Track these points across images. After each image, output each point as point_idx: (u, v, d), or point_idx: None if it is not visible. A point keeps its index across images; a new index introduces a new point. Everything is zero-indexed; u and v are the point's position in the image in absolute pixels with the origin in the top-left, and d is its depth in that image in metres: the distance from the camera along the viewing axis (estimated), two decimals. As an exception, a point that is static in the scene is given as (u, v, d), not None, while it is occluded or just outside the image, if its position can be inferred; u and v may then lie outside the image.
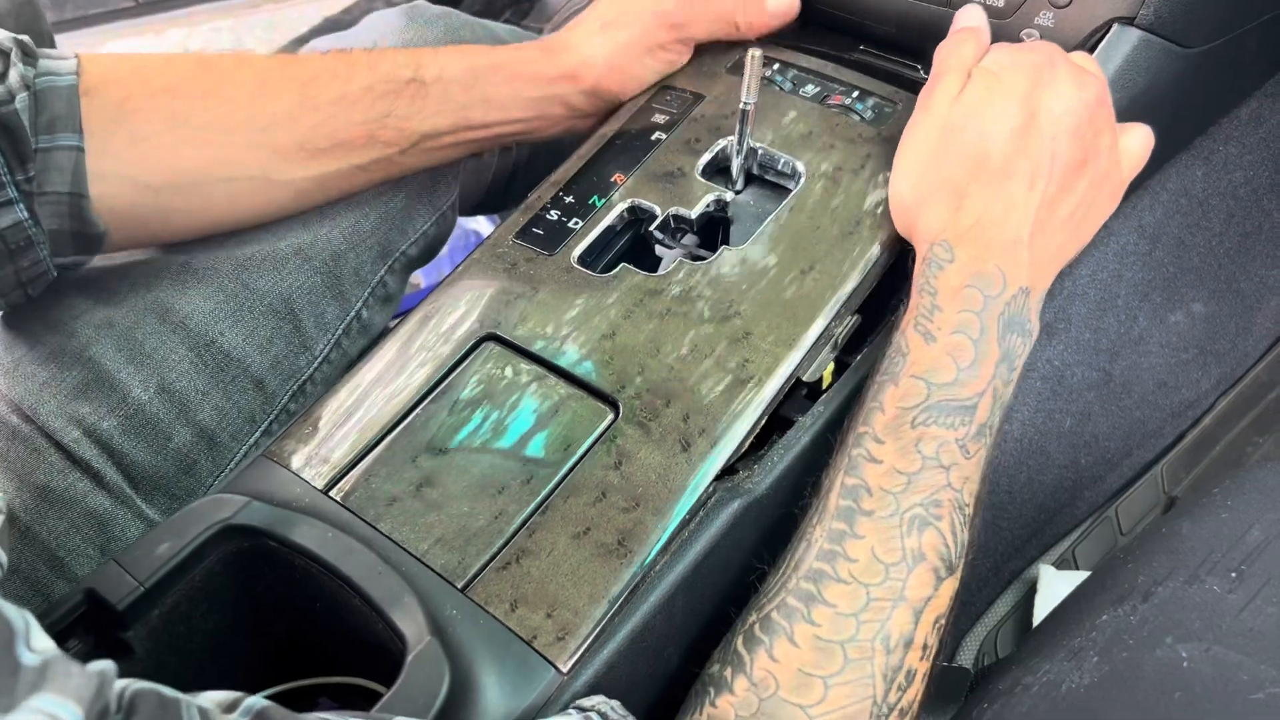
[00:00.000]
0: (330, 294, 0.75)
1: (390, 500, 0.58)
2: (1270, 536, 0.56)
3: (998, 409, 0.56)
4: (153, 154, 0.66)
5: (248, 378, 0.71)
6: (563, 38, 0.77)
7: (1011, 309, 0.57)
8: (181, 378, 0.69)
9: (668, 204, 0.70)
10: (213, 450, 0.70)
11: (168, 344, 0.69)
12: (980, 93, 0.61)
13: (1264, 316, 1.09)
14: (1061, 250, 0.61)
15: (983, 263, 0.57)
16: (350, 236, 0.75)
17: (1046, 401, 0.93)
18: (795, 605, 0.51)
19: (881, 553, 0.51)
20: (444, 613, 0.53)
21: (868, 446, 0.54)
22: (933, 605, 0.52)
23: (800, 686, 0.49)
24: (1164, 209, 0.94)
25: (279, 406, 0.73)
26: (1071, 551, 1.02)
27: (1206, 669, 0.49)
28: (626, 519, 0.55)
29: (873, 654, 0.50)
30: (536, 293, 0.66)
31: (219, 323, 0.70)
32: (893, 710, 0.49)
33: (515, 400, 0.61)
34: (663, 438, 0.58)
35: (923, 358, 0.56)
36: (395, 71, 0.71)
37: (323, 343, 0.75)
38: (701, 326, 0.62)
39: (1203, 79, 0.77)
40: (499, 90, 0.74)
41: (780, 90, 0.75)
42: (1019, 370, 0.58)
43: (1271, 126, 0.97)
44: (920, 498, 0.53)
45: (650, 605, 0.54)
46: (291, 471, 0.60)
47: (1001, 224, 0.58)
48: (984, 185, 0.59)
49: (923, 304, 0.58)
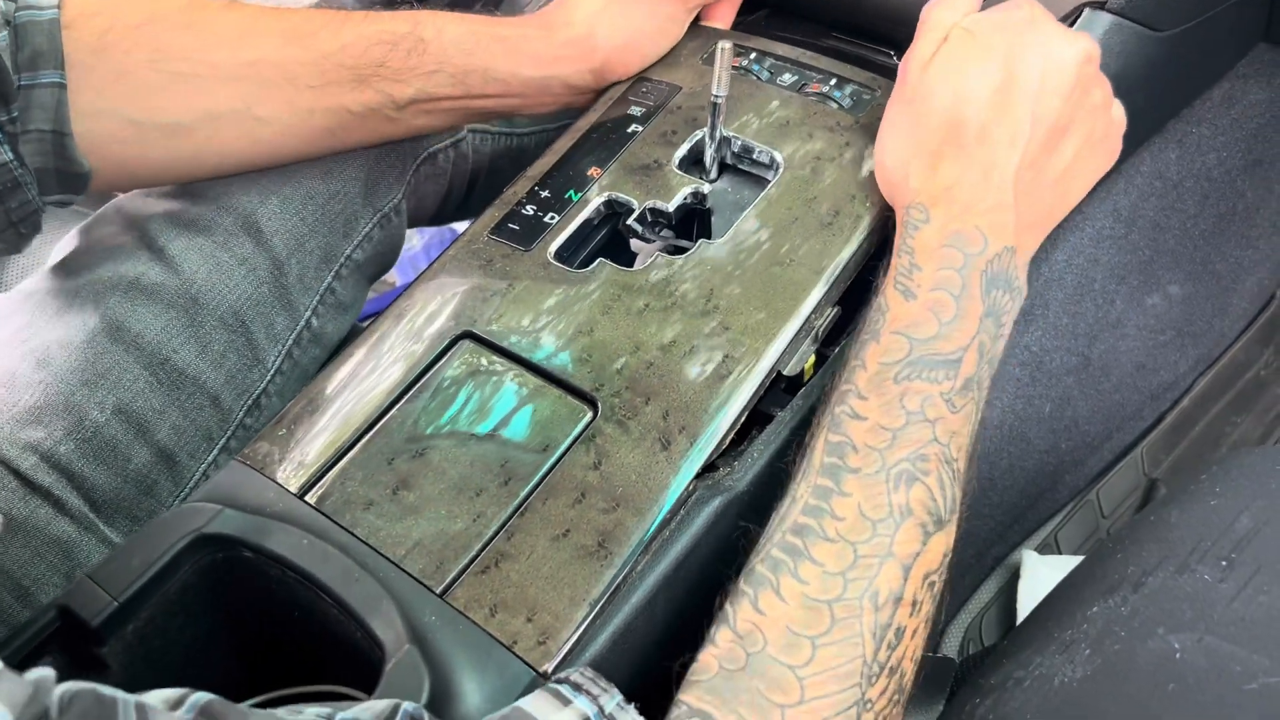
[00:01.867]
0: (278, 303, 0.74)
1: (366, 504, 0.57)
2: (1260, 523, 0.55)
3: (985, 363, 0.55)
4: (135, 88, 0.64)
5: (204, 394, 0.70)
6: (565, 14, 0.75)
7: (995, 267, 0.56)
8: (138, 397, 0.67)
9: (645, 197, 0.69)
10: (172, 470, 0.69)
11: (122, 363, 0.68)
12: (956, 53, 0.60)
13: (1239, 297, 1.10)
14: (1050, 211, 0.60)
15: (961, 223, 0.57)
16: (289, 243, 0.74)
17: (1026, 387, 0.92)
18: (781, 558, 0.50)
19: (869, 509, 0.51)
20: (423, 619, 0.52)
21: (851, 404, 0.54)
22: (922, 561, 0.51)
23: (789, 646, 0.48)
24: (1139, 192, 0.94)
25: (235, 422, 0.72)
26: (1054, 536, 1.02)
27: (1199, 660, 0.49)
28: (606, 520, 0.54)
29: (861, 612, 0.49)
30: (513, 289, 0.65)
31: (172, 339, 0.69)
32: (884, 668, 0.49)
33: (492, 399, 0.60)
34: (642, 436, 0.57)
35: (903, 314, 0.55)
36: (393, 24, 0.69)
37: (274, 354, 0.74)
38: (680, 321, 0.62)
39: (1175, 62, 0.77)
40: (499, 64, 0.72)
41: (757, 79, 0.74)
42: (1008, 327, 0.57)
43: (1244, 108, 0.97)
44: (906, 453, 0.52)
45: (632, 606, 0.53)
46: (265, 476, 0.59)
47: (981, 185, 0.57)
48: (960, 147, 0.58)
49: (901, 264, 0.57)
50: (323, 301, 0.76)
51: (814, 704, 0.47)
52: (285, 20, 0.69)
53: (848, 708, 0.47)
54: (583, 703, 0.45)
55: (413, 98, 0.72)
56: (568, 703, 0.45)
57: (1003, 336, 0.57)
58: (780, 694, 0.47)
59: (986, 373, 0.56)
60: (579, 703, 0.45)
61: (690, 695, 0.48)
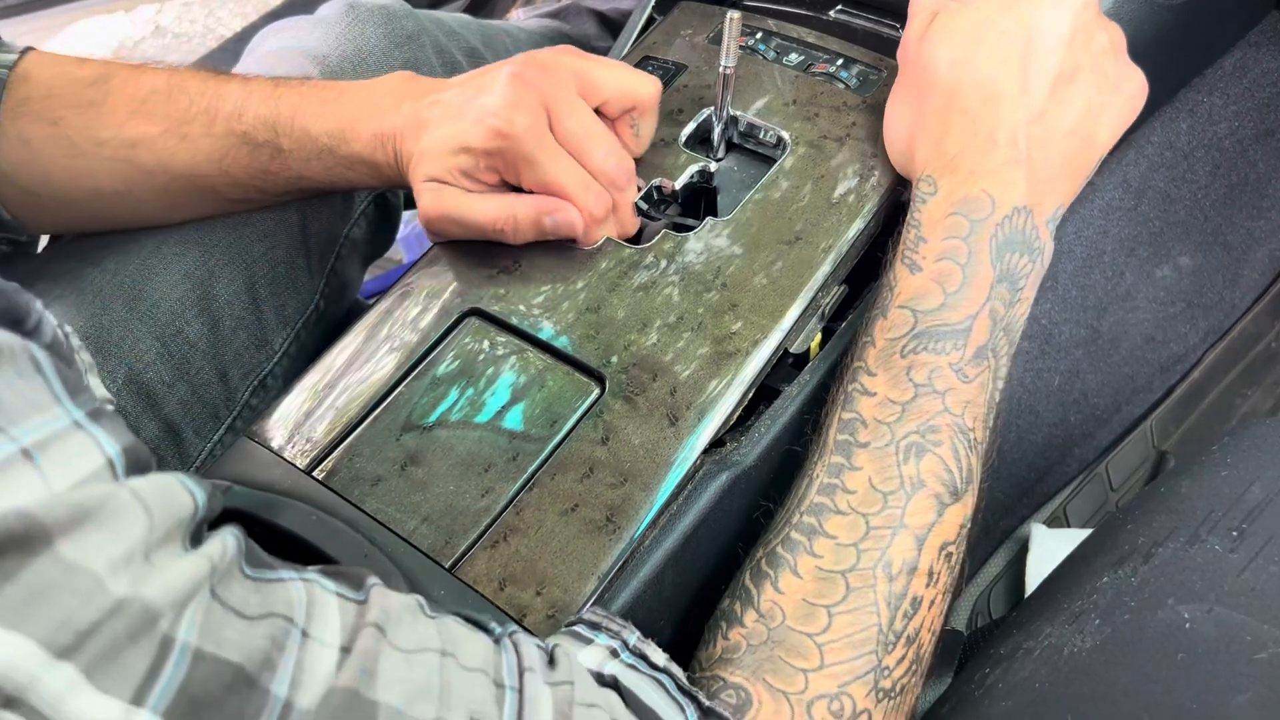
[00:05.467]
0: (291, 283, 0.74)
1: (375, 480, 0.57)
2: (1271, 494, 0.55)
3: (1000, 331, 0.55)
4: (32, 158, 0.65)
5: (213, 370, 0.70)
6: None
7: (1006, 229, 0.56)
8: (149, 369, 0.68)
9: (651, 175, 0.69)
10: (178, 446, 0.69)
11: (135, 333, 0.68)
12: (949, 22, 0.60)
13: (1250, 268, 1.09)
14: (1074, 163, 0.59)
15: (968, 188, 0.56)
16: (303, 219, 0.74)
17: (1035, 360, 0.92)
18: (798, 539, 0.51)
19: (879, 482, 0.51)
20: (433, 593, 0.52)
21: (861, 380, 0.54)
22: (937, 531, 0.51)
23: (805, 616, 0.49)
24: (1149, 163, 0.94)
25: (241, 402, 0.72)
26: (1063, 509, 1.02)
27: (1209, 630, 0.49)
28: (615, 494, 0.55)
29: (875, 581, 0.50)
30: (519, 266, 0.65)
31: (186, 311, 0.69)
32: (900, 637, 0.49)
33: (499, 376, 0.60)
34: (650, 412, 0.57)
35: (909, 287, 0.55)
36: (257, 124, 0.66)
37: (282, 336, 0.74)
38: (687, 299, 0.62)
39: (1185, 30, 0.76)
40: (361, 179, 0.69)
41: (764, 59, 0.74)
42: (1029, 290, 0.57)
43: (1255, 76, 0.97)
44: (915, 424, 0.52)
45: (640, 580, 0.53)
46: (273, 452, 0.59)
47: (986, 147, 0.57)
48: (963, 112, 0.58)
49: (908, 238, 0.57)
50: (328, 284, 0.76)
51: (834, 669, 0.48)
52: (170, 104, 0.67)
53: (865, 673, 0.48)
54: (604, 639, 0.46)
55: (283, 190, 0.70)
56: (589, 641, 0.46)
57: (1023, 300, 0.56)
58: (801, 659, 0.48)
59: (1003, 340, 0.55)
60: (600, 640, 0.46)
61: (724, 671, 0.49)
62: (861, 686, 0.48)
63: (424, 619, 0.40)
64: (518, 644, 0.43)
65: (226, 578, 0.34)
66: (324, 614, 0.36)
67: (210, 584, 0.33)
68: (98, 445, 0.33)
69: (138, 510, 0.32)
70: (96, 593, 0.30)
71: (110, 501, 0.32)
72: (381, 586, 0.40)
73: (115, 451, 0.33)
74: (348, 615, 0.37)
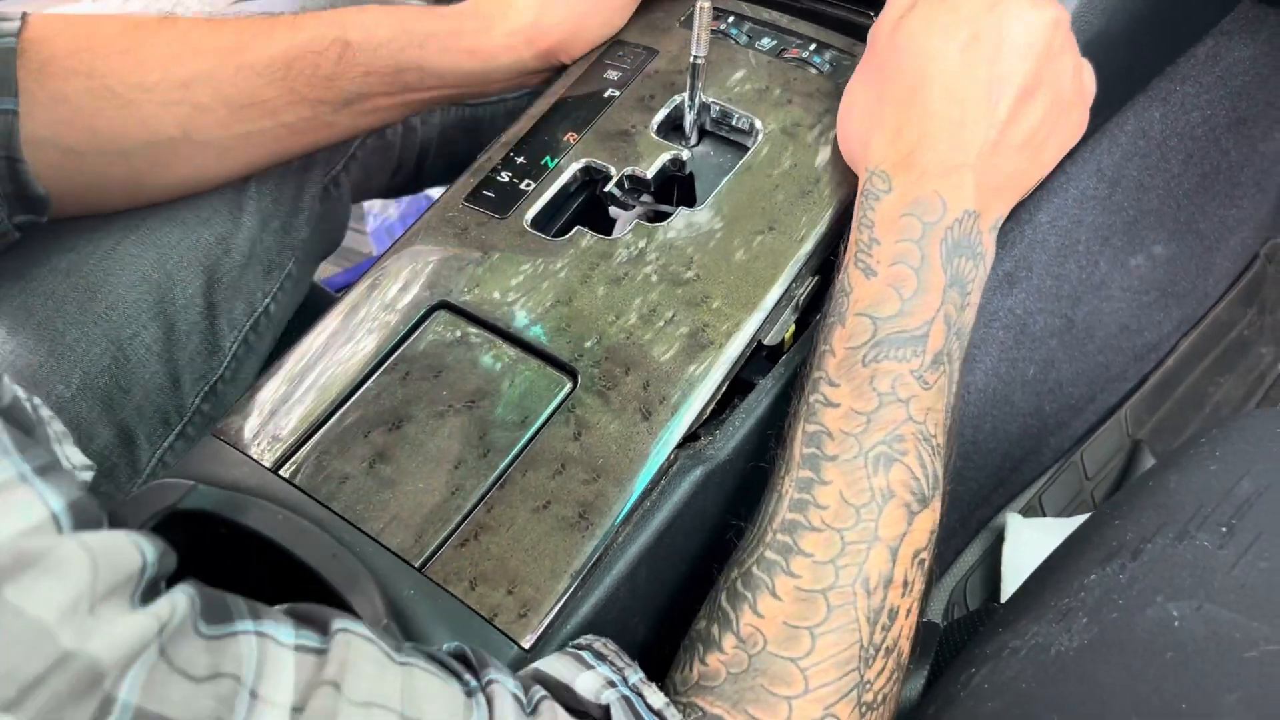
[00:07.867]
0: (243, 286, 0.72)
1: (342, 478, 0.56)
2: (1261, 488, 0.54)
3: (954, 335, 0.55)
4: (72, 116, 0.63)
5: (166, 375, 0.69)
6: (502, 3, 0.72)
7: (956, 233, 0.55)
8: (104, 374, 0.66)
9: (622, 163, 0.68)
10: (131, 453, 0.68)
11: (90, 335, 0.66)
12: (924, 14, 0.59)
13: (1223, 256, 1.09)
14: (1018, 177, 0.59)
15: (920, 188, 0.55)
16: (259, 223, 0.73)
17: (1010, 350, 0.92)
18: (774, 558, 0.50)
19: (850, 496, 0.51)
20: (402, 593, 0.51)
21: (823, 391, 0.53)
22: (909, 541, 0.51)
23: (787, 640, 0.48)
24: (1122, 151, 0.93)
25: (192, 408, 0.71)
26: (1038, 498, 1.02)
27: (1198, 628, 0.48)
28: (587, 491, 0.54)
29: (854, 598, 0.49)
30: (489, 258, 0.64)
31: (142, 314, 0.68)
32: (879, 649, 0.49)
33: (469, 371, 0.59)
34: (623, 406, 0.56)
35: (865, 294, 0.55)
36: (320, 31, 0.68)
37: (231, 339, 0.73)
38: (659, 290, 0.61)
39: (1158, 18, 0.76)
40: (433, 61, 0.71)
41: (735, 44, 0.73)
42: (975, 295, 0.56)
43: (1228, 64, 0.97)
44: (882, 435, 0.52)
45: (613, 577, 0.52)
46: (238, 450, 0.58)
47: (942, 148, 0.56)
48: (923, 110, 0.57)
49: (861, 239, 0.56)
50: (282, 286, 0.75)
51: (819, 691, 0.47)
52: (217, 36, 0.67)
53: (849, 691, 0.48)
54: (605, 670, 0.45)
55: (346, 101, 0.70)
56: (590, 667, 0.45)
57: (970, 306, 0.56)
58: (784, 686, 0.47)
59: (956, 345, 0.55)
60: (601, 669, 0.45)
61: (703, 700, 0.48)
62: (846, 705, 0.48)
63: (391, 669, 0.39)
64: (492, 697, 0.41)
65: (177, 636, 0.33)
66: (276, 672, 0.35)
67: (159, 643, 0.32)
68: (41, 499, 0.32)
69: (83, 561, 0.31)
70: (43, 642, 0.29)
71: (54, 552, 0.31)
72: (347, 632, 0.39)
73: (60, 506, 0.33)
74: (304, 671, 0.36)
